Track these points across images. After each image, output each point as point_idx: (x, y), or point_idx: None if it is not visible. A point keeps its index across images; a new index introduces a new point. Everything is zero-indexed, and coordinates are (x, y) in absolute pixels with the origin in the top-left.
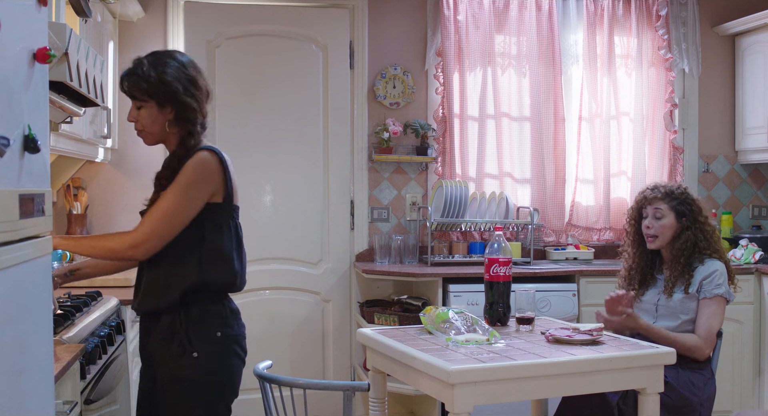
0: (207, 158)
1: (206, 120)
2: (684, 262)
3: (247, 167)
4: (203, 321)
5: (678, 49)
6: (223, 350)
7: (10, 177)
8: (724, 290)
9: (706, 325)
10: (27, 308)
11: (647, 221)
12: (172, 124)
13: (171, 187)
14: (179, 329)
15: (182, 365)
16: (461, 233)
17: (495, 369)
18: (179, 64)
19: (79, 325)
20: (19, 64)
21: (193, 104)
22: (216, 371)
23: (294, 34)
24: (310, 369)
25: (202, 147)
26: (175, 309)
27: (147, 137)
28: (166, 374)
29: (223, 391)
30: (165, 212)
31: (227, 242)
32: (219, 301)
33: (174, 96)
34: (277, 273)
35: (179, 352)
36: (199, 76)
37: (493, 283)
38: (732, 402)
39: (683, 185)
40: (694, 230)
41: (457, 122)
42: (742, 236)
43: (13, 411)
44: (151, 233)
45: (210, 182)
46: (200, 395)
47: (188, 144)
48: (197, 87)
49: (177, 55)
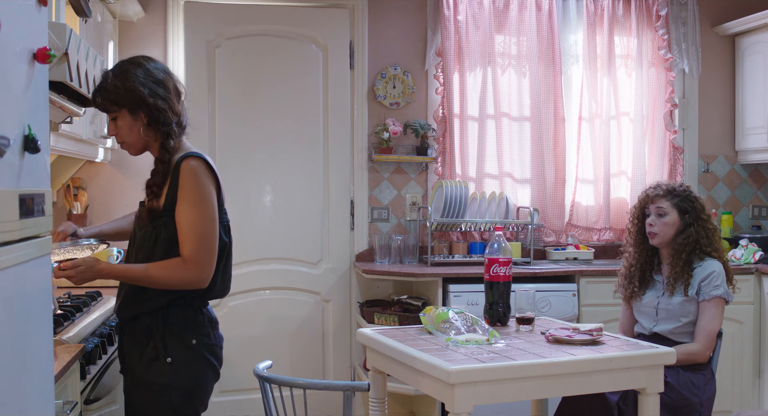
0: (197, 166)
1: (183, 118)
2: (685, 258)
3: (247, 167)
4: (180, 327)
5: (678, 49)
6: (197, 358)
7: (10, 177)
8: (722, 291)
9: (707, 329)
10: (27, 308)
11: (650, 218)
12: (147, 129)
13: (183, 208)
14: (155, 333)
15: (154, 369)
16: (461, 233)
17: (495, 369)
18: (143, 69)
19: (79, 325)
20: (19, 64)
21: (161, 105)
22: (187, 378)
23: (294, 34)
24: (310, 369)
25: (186, 155)
26: (153, 313)
27: (129, 148)
28: (136, 377)
29: (193, 399)
30: (198, 235)
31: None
32: (198, 308)
33: (142, 100)
34: (277, 273)
35: (152, 356)
36: (167, 77)
37: (493, 283)
38: (732, 402)
39: (686, 184)
40: (696, 227)
41: (457, 122)
42: (742, 236)
43: (13, 411)
44: (201, 261)
45: (210, 186)
46: (169, 400)
47: (168, 146)
48: (165, 88)
49: (141, 61)
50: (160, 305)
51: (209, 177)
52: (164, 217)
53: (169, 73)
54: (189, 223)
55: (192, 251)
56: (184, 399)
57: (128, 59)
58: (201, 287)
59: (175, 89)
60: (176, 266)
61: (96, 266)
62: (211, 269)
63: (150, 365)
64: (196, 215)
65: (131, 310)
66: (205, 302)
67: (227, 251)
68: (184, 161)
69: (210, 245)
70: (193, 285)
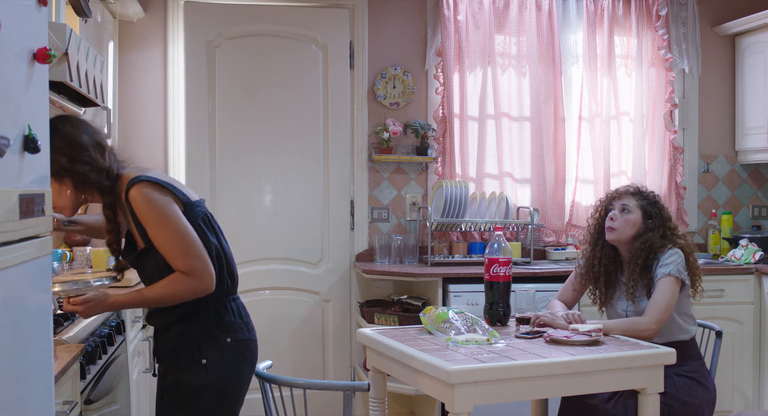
0: (141, 191)
1: (113, 167)
2: (641, 264)
3: (247, 167)
4: (214, 328)
5: (678, 49)
6: (232, 356)
7: (10, 177)
8: (672, 269)
9: (656, 303)
10: (27, 309)
11: (613, 213)
12: (79, 189)
13: (153, 233)
14: (189, 338)
15: (190, 372)
16: (461, 233)
17: (495, 369)
18: (59, 136)
19: (79, 325)
20: (19, 64)
21: (83, 169)
22: (223, 377)
23: (294, 34)
24: (310, 369)
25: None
26: (184, 320)
27: (63, 210)
28: (172, 380)
29: (229, 398)
30: (179, 250)
31: (212, 238)
32: (226, 305)
33: (62, 168)
34: (277, 273)
35: (188, 359)
36: (81, 133)
37: (493, 283)
38: (732, 402)
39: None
40: (655, 234)
41: (457, 122)
42: (742, 236)
43: (13, 411)
44: (197, 269)
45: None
46: (204, 401)
47: (106, 191)
48: (82, 148)
49: (57, 126)
50: (188, 311)
51: (159, 191)
52: (151, 251)
53: (86, 130)
54: (165, 243)
55: (183, 265)
56: (219, 399)
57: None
58: (209, 291)
59: (96, 146)
60: (177, 280)
61: (105, 300)
62: (210, 273)
63: (186, 367)
64: (167, 233)
65: (161, 320)
66: (233, 297)
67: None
68: (130, 194)
69: (195, 252)
70: (201, 292)
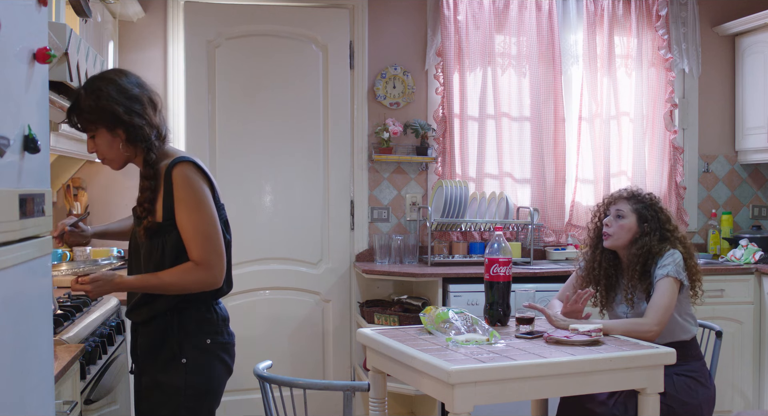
0: (189, 170)
1: (162, 128)
2: (640, 269)
3: (246, 166)
4: (194, 328)
5: (678, 49)
6: (211, 357)
7: (10, 177)
8: (670, 270)
9: (656, 304)
10: (27, 308)
11: (608, 219)
12: (127, 144)
13: (184, 214)
14: (170, 335)
15: (169, 371)
16: (461, 233)
17: (495, 369)
18: (115, 86)
19: (79, 325)
20: (19, 64)
21: (138, 122)
22: (201, 378)
23: (294, 34)
24: (310, 369)
25: (175, 161)
26: (166, 315)
27: (111, 163)
28: (151, 378)
29: (207, 398)
30: (204, 237)
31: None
32: (210, 306)
33: (118, 118)
34: (277, 273)
35: (168, 358)
36: (141, 90)
37: (493, 283)
38: (732, 402)
39: (655, 195)
40: (653, 236)
41: (457, 122)
42: (742, 236)
43: (13, 411)
44: (212, 262)
45: (205, 187)
46: (184, 400)
47: (150, 160)
48: (140, 103)
49: (113, 77)
50: (172, 306)
51: (202, 178)
52: (165, 228)
53: (143, 85)
54: (193, 228)
55: (201, 254)
56: (199, 399)
57: (99, 75)
58: (216, 287)
59: (150, 102)
60: (190, 270)
61: (114, 280)
62: (222, 269)
63: (165, 366)
64: (197, 219)
65: (144, 313)
66: (217, 300)
67: (228, 247)
68: (175, 169)
69: (217, 246)
70: (209, 286)
